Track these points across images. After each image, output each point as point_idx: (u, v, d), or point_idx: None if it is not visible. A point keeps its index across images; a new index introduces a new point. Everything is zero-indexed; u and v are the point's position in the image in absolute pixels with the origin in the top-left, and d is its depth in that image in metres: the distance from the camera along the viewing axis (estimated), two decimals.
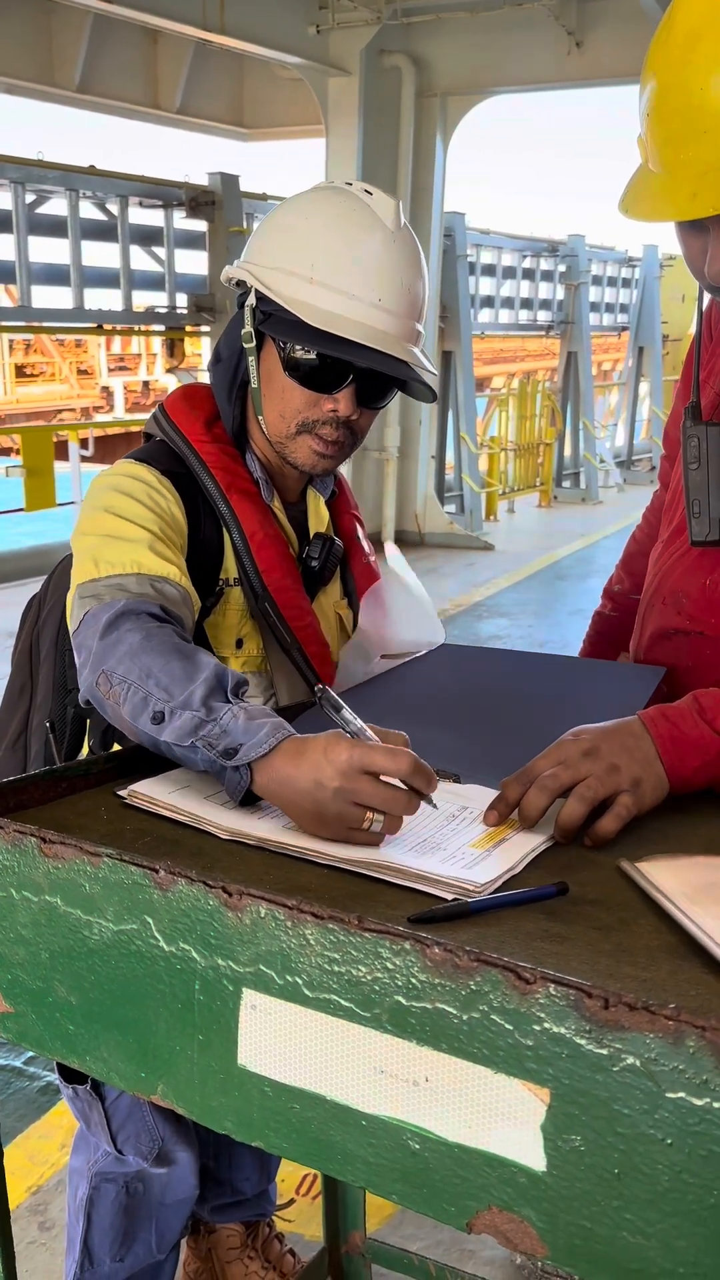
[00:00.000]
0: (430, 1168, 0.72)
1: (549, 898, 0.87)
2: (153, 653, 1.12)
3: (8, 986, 0.91)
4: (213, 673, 1.08)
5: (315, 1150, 0.77)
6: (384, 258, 1.31)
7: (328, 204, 1.33)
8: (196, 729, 1.03)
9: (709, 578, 1.31)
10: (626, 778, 0.98)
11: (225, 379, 1.43)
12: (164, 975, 0.82)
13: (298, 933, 0.75)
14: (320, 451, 1.38)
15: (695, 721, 1.04)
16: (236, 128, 9.51)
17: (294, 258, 1.32)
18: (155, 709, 1.07)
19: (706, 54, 1.01)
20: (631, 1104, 0.64)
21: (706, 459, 1.26)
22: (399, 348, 1.32)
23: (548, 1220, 0.68)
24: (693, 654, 1.33)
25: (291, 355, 1.34)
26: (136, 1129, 1.47)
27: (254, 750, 1.00)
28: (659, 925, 0.83)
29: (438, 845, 0.96)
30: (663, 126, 1.06)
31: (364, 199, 1.33)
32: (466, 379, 10.33)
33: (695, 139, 1.02)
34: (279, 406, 1.38)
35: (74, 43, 7.76)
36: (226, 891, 0.78)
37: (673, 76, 1.04)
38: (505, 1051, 0.68)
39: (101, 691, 1.14)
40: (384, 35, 8.11)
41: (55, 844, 0.86)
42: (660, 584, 1.38)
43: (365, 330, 1.30)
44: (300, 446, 1.39)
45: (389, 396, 1.41)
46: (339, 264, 1.30)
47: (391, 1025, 0.72)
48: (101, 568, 1.24)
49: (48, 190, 7.70)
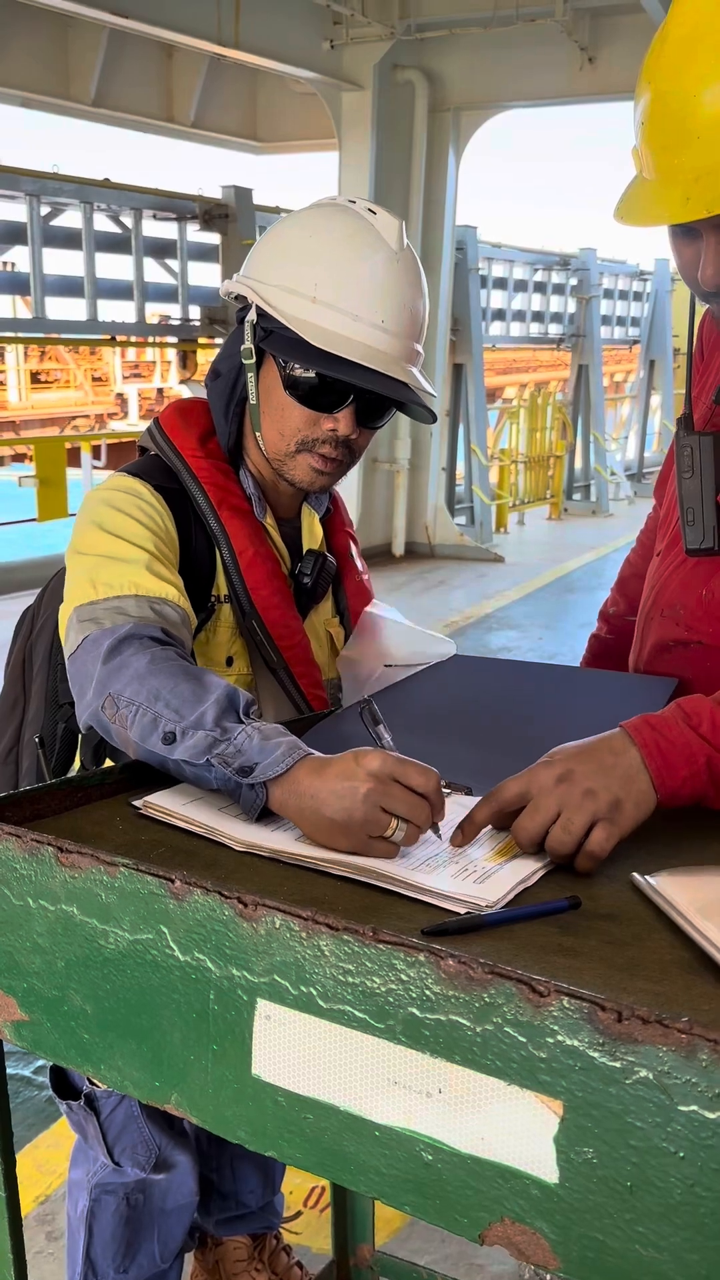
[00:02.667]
0: (443, 1179, 0.72)
1: (561, 911, 0.87)
2: (160, 675, 1.12)
3: (24, 995, 0.92)
4: (224, 693, 1.09)
5: (328, 1161, 0.77)
6: (387, 278, 1.31)
7: (331, 222, 1.33)
8: (211, 747, 1.03)
9: (705, 588, 1.31)
10: (604, 802, 0.95)
11: (223, 395, 1.43)
12: (179, 985, 0.82)
13: (312, 944, 0.75)
14: (319, 469, 1.38)
15: (681, 728, 1.01)
16: (250, 141, 9.56)
17: (297, 276, 1.32)
18: (166, 729, 1.07)
19: (699, 63, 1.04)
20: (644, 1117, 0.64)
21: (699, 468, 1.27)
22: (399, 369, 1.33)
23: (560, 1232, 0.68)
24: (694, 665, 1.32)
25: (292, 374, 1.34)
26: (133, 1141, 1.48)
27: (271, 769, 1.00)
28: (672, 940, 0.83)
29: (451, 859, 0.97)
30: (657, 134, 1.09)
31: (368, 218, 1.32)
32: (477, 392, 10.35)
33: (688, 145, 1.05)
34: (278, 424, 1.38)
35: (90, 57, 7.82)
36: (241, 902, 0.78)
37: (667, 85, 1.07)
38: (518, 1064, 0.68)
39: (108, 715, 1.14)
40: (397, 50, 8.16)
41: (72, 853, 0.87)
42: (658, 597, 1.38)
43: (367, 351, 1.30)
44: (299, 464, 1.39)
45: (388, 416, 1.41)
46: (342, 284, 1.30)
47: (405, 1037, 0.72)
48: (99, 589, 1.24)
49: (63, 203, 7.76)
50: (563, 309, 12.70)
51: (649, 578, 1.43)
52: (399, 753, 1.02)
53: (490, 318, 11.25)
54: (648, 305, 14.36)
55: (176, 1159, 1.52)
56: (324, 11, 7.77)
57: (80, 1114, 1.48)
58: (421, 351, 1.39)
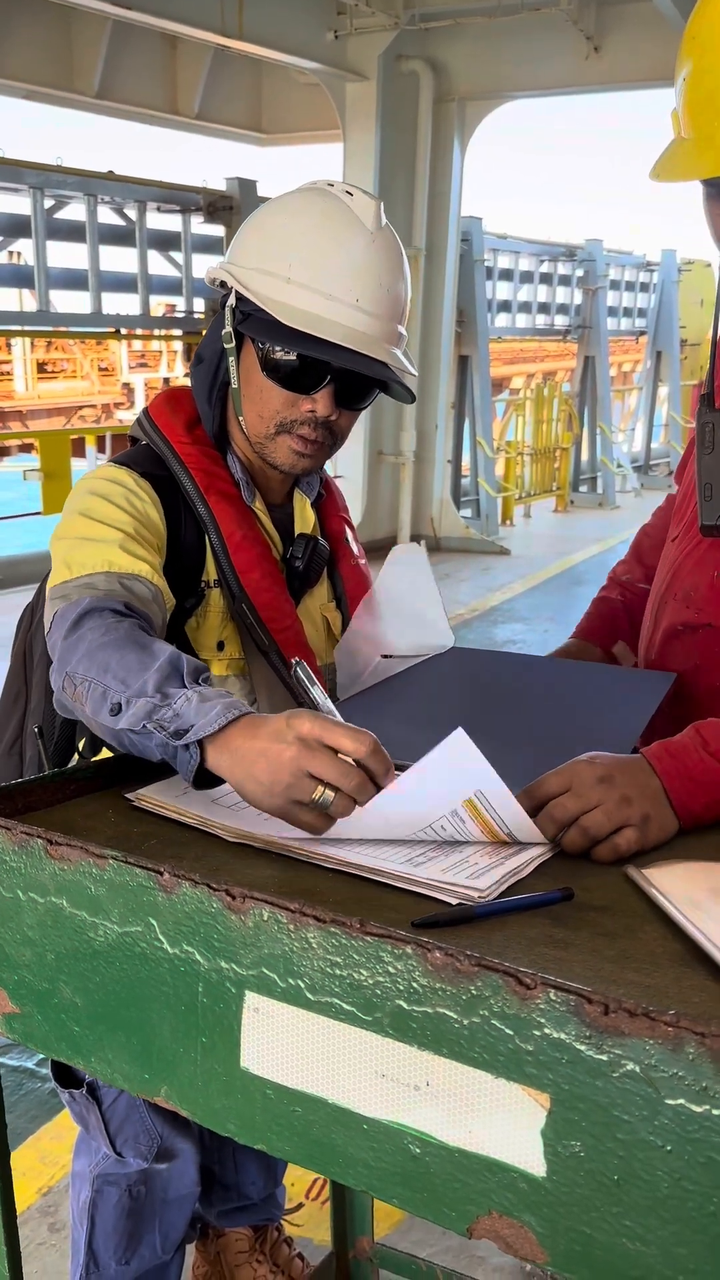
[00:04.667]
0: (431, 1172, 0.72)
1: (554, 903, 0.87)
2: (110, 648, 1.11)
3: (14, 987, 0.92)
4: (167, 660, 1.08)
5: (317, 1153, 0.77)
6: (363, 259, 1.31)
7: (308, 204, 1.33)
8: (150, 714, 1.02)
9: (717, 569, 1.31)
10: (637, 812, 0.97)
11: (205, 380, 1.43)
12: (168, 977, 0.82)
13: (300, 936, 0.75)
14: (299, 451, 1.38)
15: (700, 755, 1.03)
16: (254, 133, 9.54)
17: (272, 258, 1.32)
18: (113, 701, 1.07)
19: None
20: (631, 1110, 0.64)
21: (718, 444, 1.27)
22: (378, 349, 1.32)
23: (548, 1226, 0.68)
24: (703, 649, 1.33)
25: (270, 356, 1.34)
26: (135, 1130, 1.48)
27: (205, 729, 0.99)
28: (664, 932, 0.83)
29: (443, 850, 0.96)
30: (696, 92, 1.10)
31: (344, 200, 1.32)
32: (483, 384, 10.32)
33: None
34: (258, 407, 1.38)
35: (93, 49, 7.80)
36: (230, 894, 0.78)
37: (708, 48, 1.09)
38: (505, 1056, 0.68)
39: (69, 695, 1.15)
40: (401, 40, 8.12)
41: (61, 846, 0.87)
42: (672, 580, 1.39)
43: (343, 331, 1.30)
44: (279, 447, 1.39)
45: (369, 398, 1.41)
46: (317, 265, 1.30)
47: (393, 1029, 0.72)
48: (74, 569, 1.25)
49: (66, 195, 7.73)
50: (569, 300, 12.65)
51: (663, 563, 1.44)
52: (337, 715, 1.01)
53: (496, 309, 11.20)
54: (654, 296, 14.28)
55: (179, 1148, 1.52)
56: (328, 2, 7.74)
57: (82, 1103, 1.48)
58: (404, 333, 1.39)
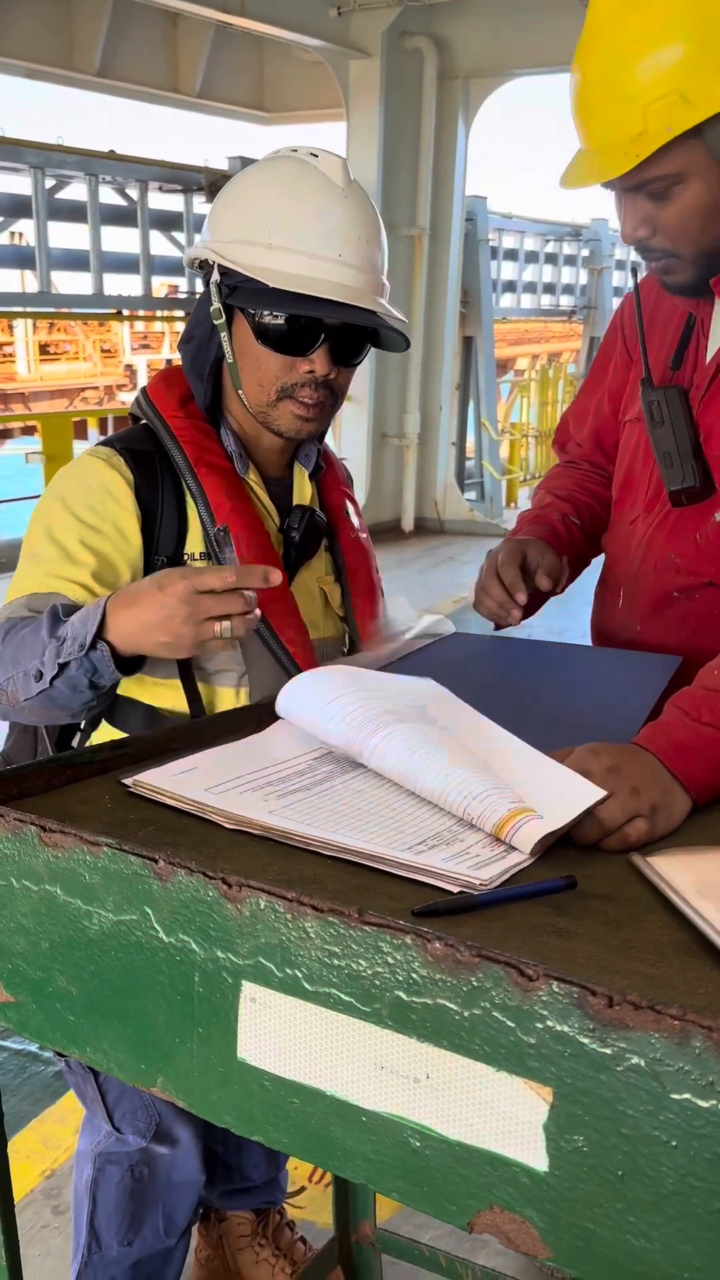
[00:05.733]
0: (431, 1166, 0.71)
1: (557, 891, 0.85)
2: (13, 642, 1.28)
3: (8, 976, 0.91)
4: (47, 616, 1.25)
5: (315, 1146, 0.76)
6: (339, 214, 1.34)
7: (277, 171, 1.37)
8: (56, 655, 1.21)
9: (698, 532, 1.39)
10: (646, 802, 0.96)
11: (196, 356, 1.45)
12: (163, 967, 0.81)
13: (297, 925, 0.74)
14: (302, 415, 1.40)
15: (687, 725, 1.03)
16: (257, 111, 9.45)
17: (251, 226, 1.34)
18: (33, 672, 1.23)
19: (618, 42, 1.21)
20: (636, 1105, 0.62)
21: (668, 417, 1.38)
22: (366, 299, 1.34)
23: (550, 1221, 0.67)
24: (701, 611, 1.40)
25: (261, 323, 1.36)
26: (133, 1105, 1.48)
27: (90, 627, 1.19)
28: (669, 921, 0.81)
29: (443, 838, 0.94)
30: (586, 104, 1.25)
31: (311, 162, 1.35)
32: (487, 365, 10.26)
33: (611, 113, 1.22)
34: (256, 376, 1.39)
35: (94, 27, 7.72)
36: (226, 883, 0.76)
37: (592, 62, 1.24)
38: (507, 1049, 0.66)
39: (4, 702, 1.30)
40: (405, 17, 8.03)
41: (55, 833, 0.85)
42: (648, 553, 1.45)
43: (330, 286, 1.32)
44: (282, 412, 1.40)
45: (364, 352, 1.42)
46: (295, 225, 1.33)
47: (392, 1020, 0.71)
48: (9, 594, 1.38)
49: (67, 175, 7.68)
50: (574, 280, 12.56)
51: (626, 544, 1.50)
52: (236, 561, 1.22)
53: (501, 290, 11.13)
54: None
55: (179, 1133, 1.52)
56: None
57: (79, 1073, 1.49)
58: (386, 284, 1.41)
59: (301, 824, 0.95)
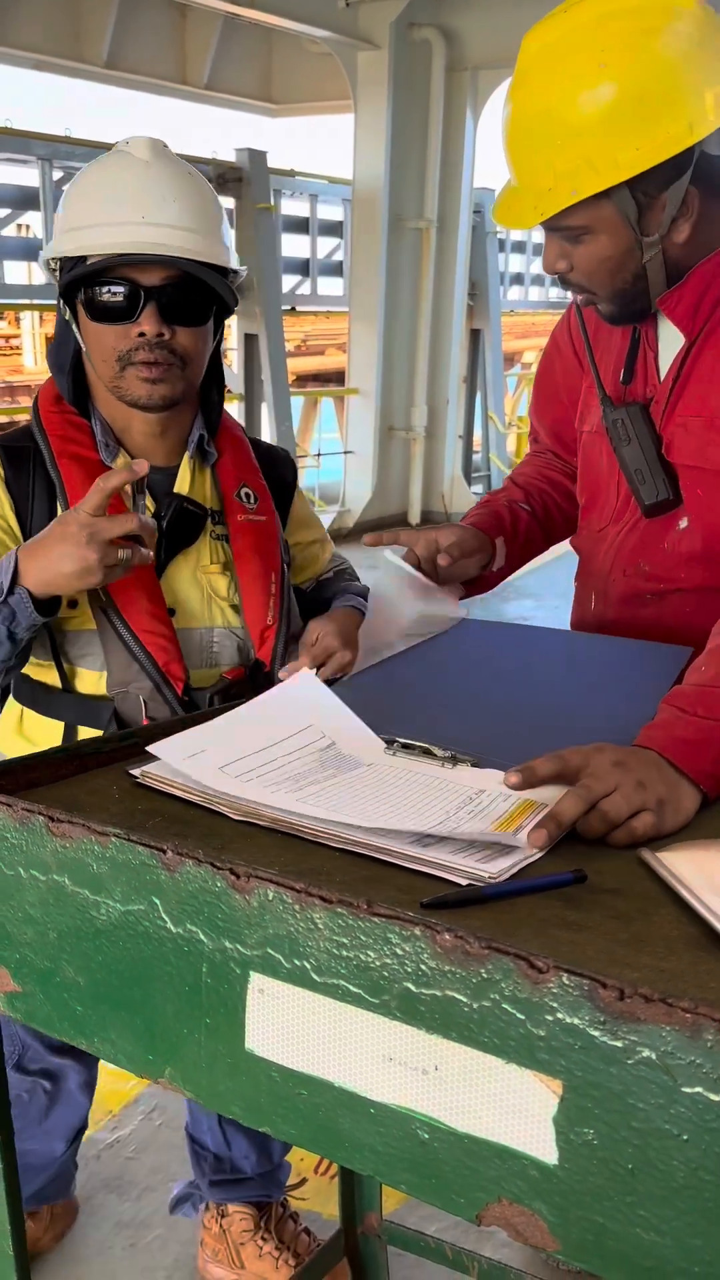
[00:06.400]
0: (439, 1158, 0.70)
1: (566, 885, 0.85)
2: None
3: (16, 966, 0.91)
4: None
5: (323, 1137, 0.76)
6: (140, 181, 1.41)
7: (90, 165, 1.48)
8: None
9: (665, 541, 1.45)
10: (653, 797, 0.96)
11: (55, 352, 1.53)
12: (171, 957, 0.81)
13: (306, 916, 0.73)
14: (146, 378, 1.43)
15: (684, 720, 1.03)
16: (265, 103, 9.41)
17: (66, 218, 1.45)
18: None
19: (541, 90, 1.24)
20: (646, 1098, 0.62)
21: (635, 435, 1.42)
22: (170, 249, 1.39)
23: (559, 1214, 0.66)
24: (674, 613, 1.45)
25: (88, 301, 1.42)
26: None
27: (4, 575, 1.33)
28: (679, 915, 0.81)
29: (453, 831, 0.94)
30: (517, 144, 1.29)
31: (122, 147, 1.44)
32: (495, 357, 10.23)
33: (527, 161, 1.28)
34: (99, 353, 1.45)
35: (102, 18, 7.69)
36: (234, 873, 0.76)
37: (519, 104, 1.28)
38: (516, 1041, 0.66)
39: None
40: (414, 8, 7.99)
41: (63, 823, 0.85)
42: (617, 557, 1.50)
43: (130, 244, 1.39)
44: (129, 381, 1.45)
45: (202, 312, 1.45)
46: (95, 202, 1.42)
47: (400, 1012, 0.70)
48: None
49: (75, 167, 7.64)
50: None
51: (596, 549, 1.55)
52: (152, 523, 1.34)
53: (509, 282, 11.09)
54: None
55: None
56: None
57: None
58: (227, 244, 1.48)
59: (309, 815, 0.95)
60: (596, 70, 1.21)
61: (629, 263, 1.32)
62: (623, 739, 1.02)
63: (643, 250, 1.30)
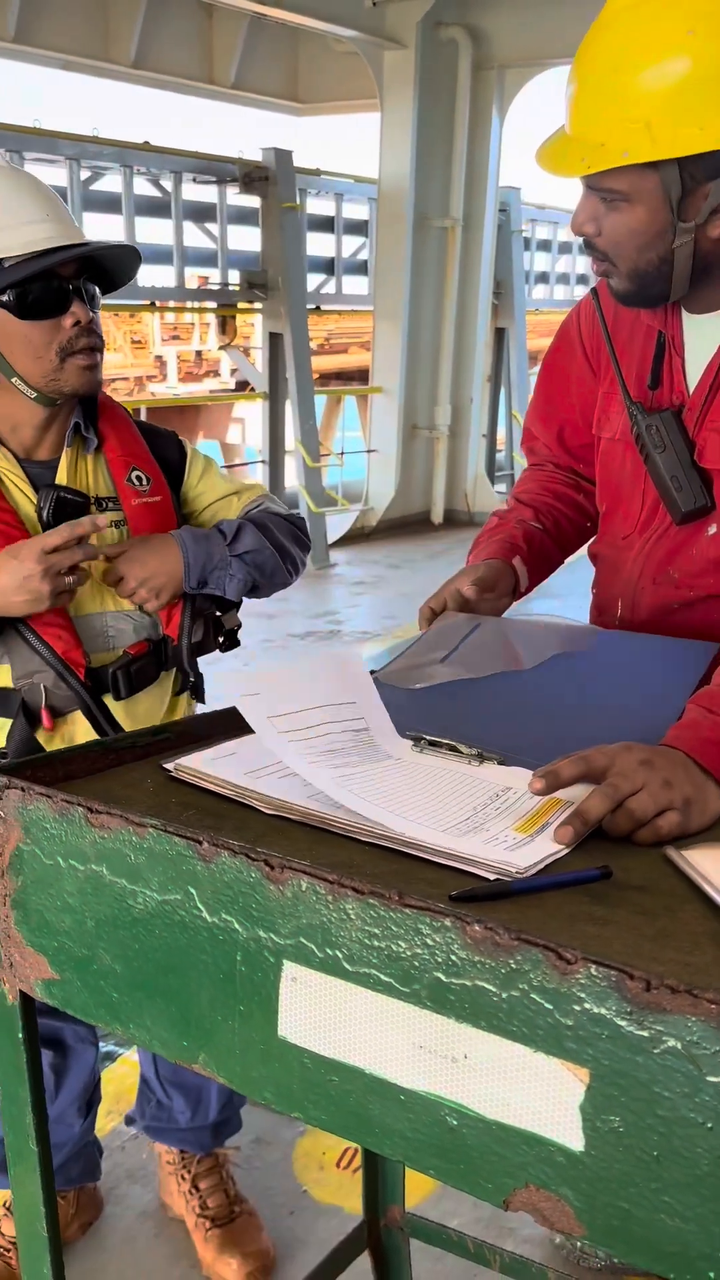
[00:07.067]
0: (468, 1144, 0.72)
1: (592, 881, 0.86)
2: None
3: (54, 953, 0.93)
4: None
5: (353, 1123, 0.78)
6: (33, 186, 1.50)
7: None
8: None
9: (694, 548, 1.44)
10: (679, 796, 0.97)
11: None
12: (206, 946, 0.83)
13: (338, 907, 0.75)
14: (86, 365, 1.51)
15: (712, 720, 1.03)
16: (291, 102, 9.43)
17: None
18: None
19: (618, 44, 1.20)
20: (672, 1087, 0.64)
21: (669, 441, 1.40)
22: (85, 240, 1.50)
23: (585, 1200, 0.68)
24: (703, 619, 1.45)
25: (16, 302, 1.46)
26: None
27: None
28: (704, 912, 0.82)
29: (480, 827, 0.96)
30: (576, 92, 1.25)
31: None
32: (519, 356, 10.21)
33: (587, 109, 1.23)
34: (29, 351, 1.49)
35: (129, 18, 7.73)
36: (269, 864, 0.78)
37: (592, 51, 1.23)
38: (545, 1031, 0.68)
39: None
40: (440, 7, 7.99)
41: (102, 814, 0.87)
42: (645, 566, 1.49)
43: (50, 240, 1.46)
44: (70, 372, 1.50)
45: (103, 291, 1.56)
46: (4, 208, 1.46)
47: (431, 1001, 0.72)
48: None
49: (102, 166, 7.70)
50: None
51: (616, 559, 1.55)
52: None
53: (534, 281, 11.07)
54: None
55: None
56: None
57: None
58: None
59: (340, 809, 0.97)
60: (683, 37, 1.15)
61: (658, 243, 1.28)
62: (649, 737, 1.03)
63: (675, 234, 1.27)
